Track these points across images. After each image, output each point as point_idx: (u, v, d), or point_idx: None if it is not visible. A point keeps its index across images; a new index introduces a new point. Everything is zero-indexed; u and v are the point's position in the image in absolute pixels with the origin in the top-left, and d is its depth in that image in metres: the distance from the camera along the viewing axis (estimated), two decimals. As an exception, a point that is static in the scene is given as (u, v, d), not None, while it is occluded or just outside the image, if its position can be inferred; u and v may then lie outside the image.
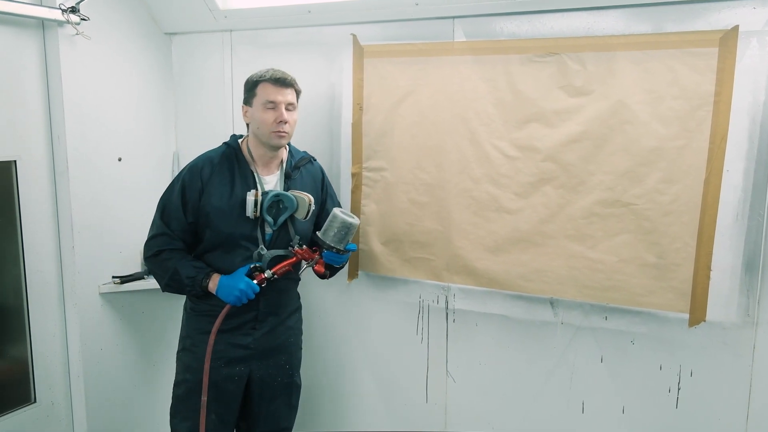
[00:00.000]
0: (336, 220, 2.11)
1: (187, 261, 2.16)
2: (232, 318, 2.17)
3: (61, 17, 2.37)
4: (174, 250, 2.16)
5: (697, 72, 1.96)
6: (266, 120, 2.11)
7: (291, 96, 2.15)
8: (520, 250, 2.29)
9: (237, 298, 2.08)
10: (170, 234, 2.16)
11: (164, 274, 2.16)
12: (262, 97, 2.12)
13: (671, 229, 2.05)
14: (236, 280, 2.09)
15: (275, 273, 2.13)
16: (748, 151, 1.96)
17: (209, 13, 2.68)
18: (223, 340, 2.18)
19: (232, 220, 2.13)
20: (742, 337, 2.04)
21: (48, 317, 2.58)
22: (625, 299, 2.16)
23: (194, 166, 2.18)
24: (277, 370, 2.30)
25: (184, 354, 2.26)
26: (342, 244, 2.13)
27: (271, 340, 2.27)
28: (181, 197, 2.15)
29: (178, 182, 2.18)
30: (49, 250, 2.55)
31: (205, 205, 2.13)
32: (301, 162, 2.31)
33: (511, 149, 2.26)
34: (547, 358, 2.35)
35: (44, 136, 2.49)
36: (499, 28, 2.26)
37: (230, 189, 2.15)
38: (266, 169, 2.23)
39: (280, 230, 2.19)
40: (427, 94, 2.36)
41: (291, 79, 2.16)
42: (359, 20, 2.47)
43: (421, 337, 2.57)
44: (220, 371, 2.19)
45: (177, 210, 2.15)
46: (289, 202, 2.14)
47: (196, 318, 2.24)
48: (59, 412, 2.65)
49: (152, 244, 2.19)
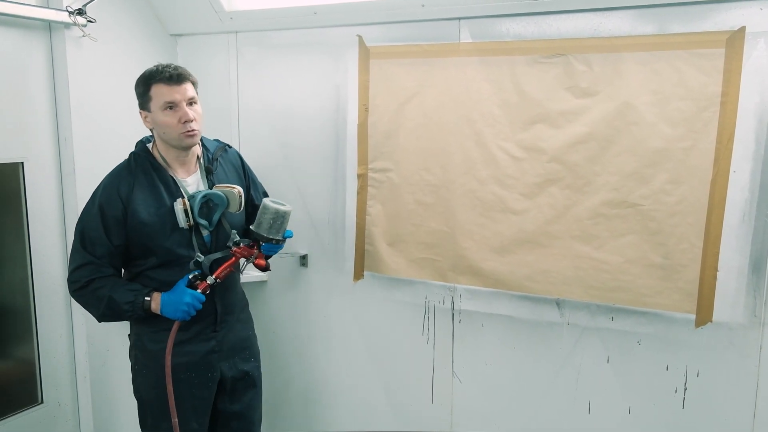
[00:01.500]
0: (268, 211, 2.04)
1: (121, 286, 2.02)
2: (191, 326, 2.09)
3: (68, 19, 2.39)
4: (104, 278, 2.01)
5: (704, 73, 1.97)
6: (170, 123, 1.98)
7: (190, 90, 2.02)
8: (526, 251, 2.30)
9: (185, 312, 1.98)
10: (96, 262, 2.00)
11: (99, 305, 2.01)
12: (159, 99, 1.98)
13: (677, 230, 2.06)
14: (179, 294, 1.99)
15: (217, 277, 2.04)
16: (755, 151, 1.96)
17: (215, 15, 2.68)
18: (187, 349, 2.11)
19: (166, 232, 2.02)
20: (748, 338, 2.04)
21: (55, 318, 2.59)
22: (632, 300, 2.16)
23: (107, 185, 2.03)
24: (245, 365, 2.28)
25: (147, 371, 2.14)
26: (279, 234, 2.07)
27: (233, 338, 2.23)
28: (102, 221, 1.99)
29: (93, 206, 2.01)
30: (56, 251, 2.56)
31: (135, 224, 1.99)
32: (217, 153, 2.21)
33: (517, 150, 2.26)
34: (553, 359, 2.35)
35: (51, 137, 2.50)
36: (505, 30, 2.26)
37: (155, 201, 2.02)
38: (184, 171, 2.11)
39: (217, 229, 2.10)
40: (433, 95, 2.37)
41: (184, 72, 2.01)
42: (365, 21, 2.47)
43: (427, 337, 2.58)
44: (192, 380, 2.13)
45: (99, 236, 1.99)
46: (219, 199, 2.06)
47: (151, 334, 2.11)
48: (66, 412, 2.66)
49: (78, 275, 2.02)
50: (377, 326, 2.68)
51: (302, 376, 2.83)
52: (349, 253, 2.65)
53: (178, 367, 2.07)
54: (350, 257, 2.65)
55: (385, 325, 2.66)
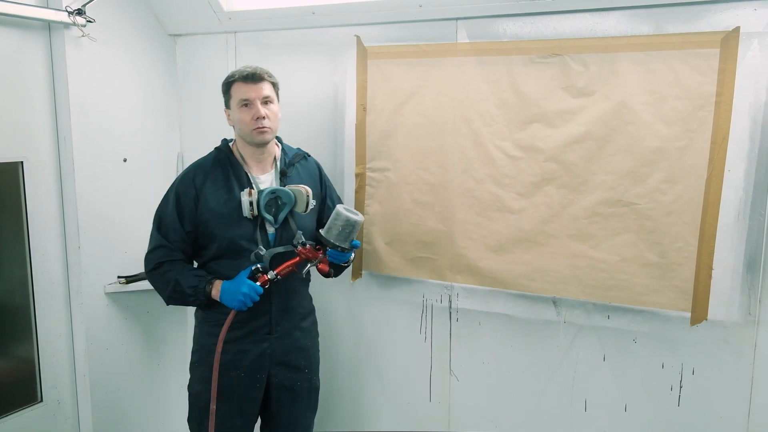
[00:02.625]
0: (339, 218, 2.04)
1: (187, 271, 2.13)
2: (245, 324, 2.14)
3: (67, 19, 2.40)
4: (174, 261, 2.13)
5: (699, 73, 1.98)
6: (244, 119, 2.09)
7: (266, 89, 2.11)
8: (522, 250, 2.31)
9: (241, 302, 2.03)
10: (169, 246, 2.12)
11: (166, 287, 2.12)
12: (236, 97, 2.10)
13: (673, 229, 2.07)
14: (238, 284, 2.05)
15: (278, 274, 2.06)
16: (750, 151, 1.97)
17: (213, 15, 2.69)
18: (238, 348, 2.15)
19: (231, 223, 2.09)
20: (743, 336, 2.06)
21: (54, 317, 2.60)
22: (628, 298, 2.17)
23: (186, 174, 2.17)
24: (297, 375, 2.27)
25: (200, 365, 2.21)
26: (347, 243, 2.06)
27: (288, 345, 2.23)
28: (176, 207, 2.12)
29: (171, 193, 2.15)
30: (55, 250, 2.57)
31: (203, 212, 2.10)
32: (295, 159, 2.27)
33: (514, 149, 2.27)
34: (550, 357, 2.37)
35: (50, 137, 2.51)
36: (502, 30, 2.27)
37: (226, 192, 2.12)
38: (260, 169, 2.19)
39: (282, 228, 2.14)
40: (431, 95, 2.38)
41: (261, 72, 2.11)
42: (363, 22, 2.48)
43: (425, 336, 2.59)
44: (240, 379, 2.17)
45: (173, 221, 2.12)
46: (286, 197, 2.11)
47: (208, 328, 2.19)
48: (65, 411, 2.67)
49: (151, 257, 2.15)
50: (375, 325, 2.69)
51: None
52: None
53: (228, 364, 2.12)
54: (348, 256, 2.65)
55: (383, 323, 2.67)
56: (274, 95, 2.15)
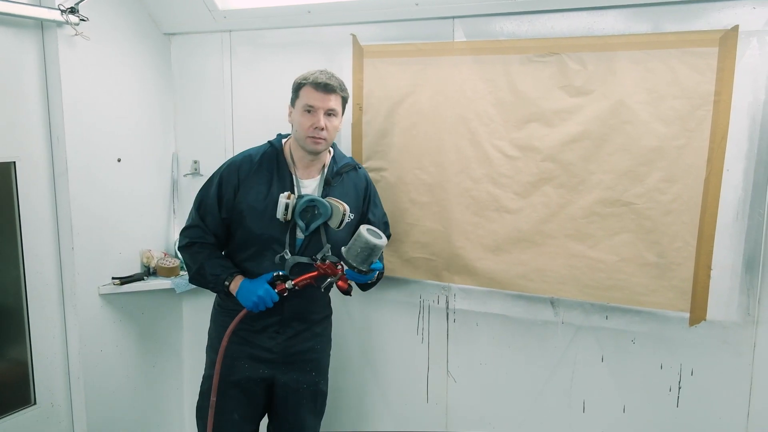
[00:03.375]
0: (359, 239, 1.97)
1: (215, 258, 2.17)
2: (257, 320, 2.16)
3: (60, 18, 2.37)
4: (205, 245, 2.17)
5: (697, 72, 1.97)
6: (303, 124, 2.07)
7: (334, 102, 2.08)
8: (520, 250, 2.29)
9: (254, 303, 2.04)
10: (203, 227, 2.16)
11: (193, 266, 2.18)
12: (302, 100, 2.07)
13: (672, 229, 2.06)
14: (256, 286, 2.05)
15: (296, 285, 2.05)
16: (748, 150, 1.96)
17: (208, 14, 2.67)
18: (247, 341, 2.19)
19: (264, 220, 2.10)
20: (742, 336, 2.05)
21: (48, 318, 2.57)
22: (626, 298, 2.16)
23: (233, 162, 2.17)
24: (302, 377, 2.25)
25: (211, 350, 2.28)
26: (364, 265, 1.99)
27: (295, 346, 2.22)
28: (218, 192, 2.13)
29: (216, 177, 2.16)
30: (48, 251, 2.54)
31: (240, 203, 2.12)
32: (344, 168, 2.23)
33: (511, 149, 2.26)
34: (547, 358, 2.36)
35: (43, 137, 2.48)
36: (499, 28, 2.26)
37: (267, 189, 2.12)
38: (306, 173, 2.18)
39: (312, 237, 2.12)
40: (427, 94, 2.36)
41: (336, 84, 2.08)
42: (359, 20, 2.46)
43: (422, 337, 2.58)
44: (244, 371, 2.19)
45: (212, 205, 2.14)
46: (323, 208, 2.08)
47: (223, 316, 2.23)
48: (59, 413, 2.64)
49: (186, 233, 2.20)
50: (372, 326, 2.68)
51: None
52: (344, 253, 2.64)
53: (234, 353, 2.16)
54: (345, 257, 2.64)
55: (380, 324, 2.66)
56: (341, 109, 2.14)
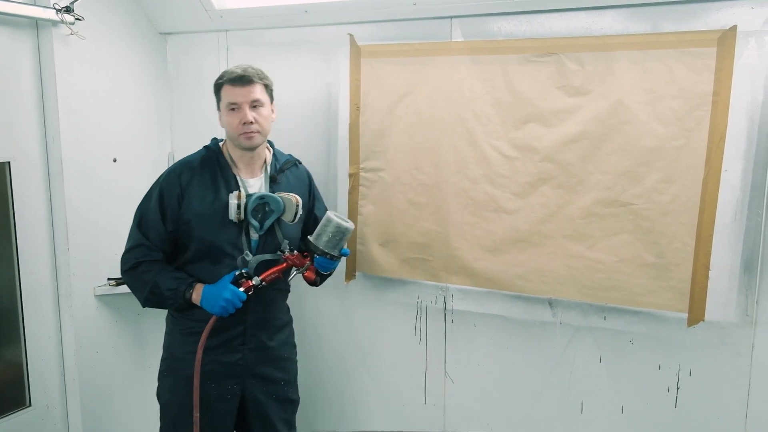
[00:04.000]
0: (330, 225, 2.01)
1: (167, 272, 2.04)
2: (218, 334, 2.06)
3: (55, 17, 2.35)
4: (153, 262, 2.05)
5: (696, 72, 1.96)
6: (231, 123, 2.02)
7: (256, 92, 2.02)
8: (518, 250, 2.29)
9: (222, 308, 1.96)
10: (148, 245, 2.04)
11: (143, 288, 2.04)
12: (225, 100, 2.03)
13: (670, 229, 2.05)
14: (221, 289, 1.97)
15: (263, 280, 2.01)
16: (747, 150, 1.96)
17: (205, 13, 2.66)
18: (209, 358, 2.06)
19: (215, 226, 2.02)
20: (740, 337, 2.04)
21: (43, 320, 2.55)
22: (624, 299, 2.16)
23: (172, 171, 2.08)
24: (273, 388, 2.19)
25: (170, 374, 2.15)
26: (336, 250, 2.02)
27: (263, 357, 2.15)
28: (159, 205, 2.03)
29: (155, 189, 2.06)
30: (43, 252, 2.53)
31: (186, 212, 2.02)
32: (286, 165, 2.21)
33: (509, 149, 2.25)
34: (546, 359, 2.35)
35: (38, 137, 2.46)
36: (497, 28, 2.25)
37: (213, 194, 2.04)
38: (249, 173, 2.12)
39: (267, 235, 2.08)
40: (425, 94, 2.35)
41: (252, 74, 2.01)
42: (356, 20, 2.45)
43: (420, 337, 2.57)
44: (210, 390, 2.08)
45: (155, 219, 2.03)
46: (275, 204, 2.05)
47: (181, 336, 2.12)
48: (54, 415, 2.63)
49: (130, 256, 2.07)
50: (369, 327, 2.67)
51: (294, 377, 2.81)
52: (341, 253, 2.63)
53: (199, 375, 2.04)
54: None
55: (377, 325, 2.64)
56: (266, 97, 2.07)
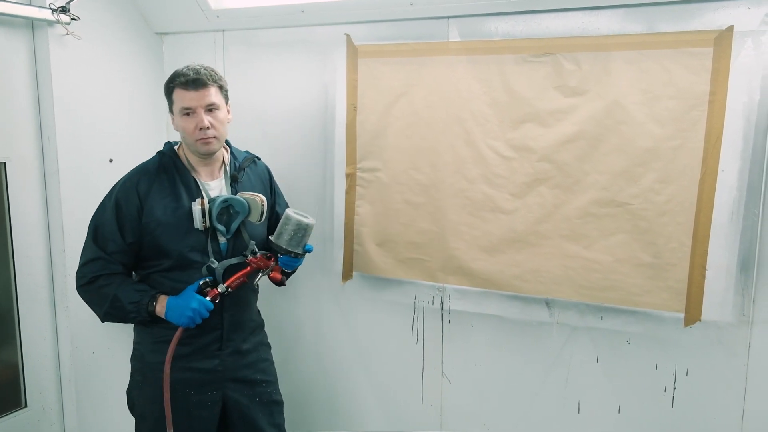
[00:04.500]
0: (290, 222, 1.97)
1: (128, 285, 1.96)
2: (194, 339, 2.00)
3: (50, 17, 2.34)
4: (111, 275, 1.95)
5: (692, 72, 1.97)
6: (187, 128, 1.94)
7: (211, 96, 1.94)
8: (515, 251, 2.29)
9: (190, 318, 1.90)
10: (106, 258, 1.94)
11: (103, 302, 1.94)
12: (178, 104, 1.94)
13: (667, 229, 2.06)
14: (186, 299, 1.91)
15: (229, 286, 1.96)
16: (743, 150, 1.96)
17: (201, 13, 2.65)
18: (187, 365, 2.00)
19: (180, 234, 1.95)
20: (737, 337, 2.05)
21: (39, 320, 2.54)
22: (621, 299, 2.16)
23: (127, 180, 1.99)
24: (254, 391, 2.13)
25: (145, 384, 2.05)
26: (299, 247, 1.99)
27: (241, 360, 2.10)
28: (117, 217, 1.94)
29: (110, 200, 1.97)
30: (39, 252, 2.52)
31: (149, 222, 1.94)
32: (245, 163, 2.15)
33: (506, 149, 2.25)
34: (542, 359, 2.35)
35: (34, 137, 2.46)
36: (494, 28, 2.25)
37: (175, 201, 1.97)
38: (208, 175, 2.06)
39: (235, 238, 2.03)
40: (422, 94, 2.35)
41: (206, 76, 1.92)
42: (353, 20, 2.45)
43: (417, 338, 2.56)
44: (190, 398, 2.02)
45: (113, 232, 1.94)
46: (240, 206, 1.99)
47: (152, 345, 2.03)
48: (50, 416, 2.62)
49: (86, 270, 1.97)
50: (366, 327, 2.66)
51: (290, 377, 2.80)
52: (338, 254, 2.62)
53: (176, 383, 1.97)
54: (339, 258, 2.62)
55: (374, 325, 2.64)
56: (221, 99, 1.99)
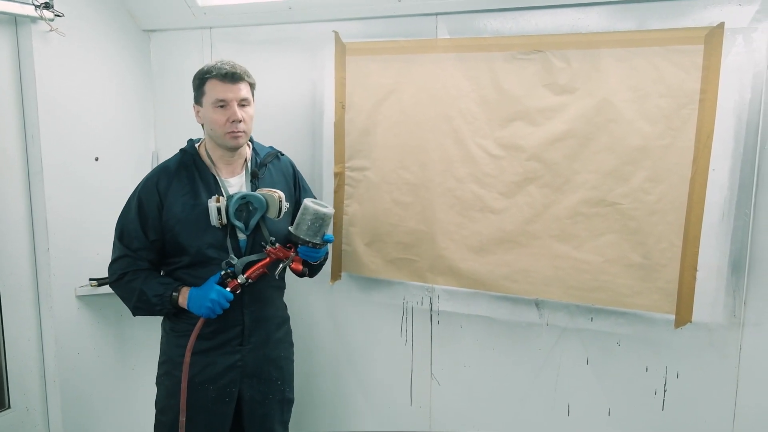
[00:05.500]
0: (308, 212, 1.97)
1: (153, 279, 2.02)
2: (217, 334, 2.03)
3: (33, 13, 2.31)
4: (138, 271, 2.02)
5: (683, 69, 1.94)
6: (218, 120, 1.95)
7: (244, 91, 1.98)
8: (504, 251, 2.26)
9: (209, 309, 1.93)
10: (132, 255, 2.01)
11: (131, 297, 2.02)
12: (211, 96, 1.95)
13: (657, 229, 2.03)
14: (206, 291, 1.94)
15: (249, 277, 1.97)
16: (734, 149, 1.93)
17: (188, 10, 2.62)
18: (208, 360, 2.03)
19: (199, 231, 1.98)
20: (728, 339, 2.02)
21: (23, 321, 2.51)
22: (611, 300, 2.13)
23: (149, 179, 2.03)
24: (269, 387, 2.14)
25: (167, 379, 2.09)
26: (317, 237, 1.99)
27: (261, 356, 2.11)
28: (139, 215, 2.00)
29: (134, 199, 2.03)
30: (23, 251, 2.48)
31: (169, 219, 1.98)
32: (267, 159, 2.15)
33: (496, 148, 2.22)
34: (532, 360, 2.32)
35: (18, 135, 2.42)
36: (483, 25, 2.22)
37: (193, 198, 1.99)
38: (229, 171, 2.07)
39: (255, 234, 2.03)
40: (410, 92, 2.32)
41: (242, 71, 1.97)
42: (341, 17, 2.42)
43: (405, 339, 2.54)
44: (209, 393, 2.04)
45: (136, 230, 2.00)
46: (257, 202, 1.99)
47: (176, 339, 2.07)
48: (34, 417, 2.58)
49: (115, 267, 2.05)
50: (355, 328, 2.63)
51: (279, 378, 2.79)
52: (326, 254, 2.60)
53: (196, 377, 2.01)
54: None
55: (363, 326, 2.61)
56: (251, 97, 2.03)
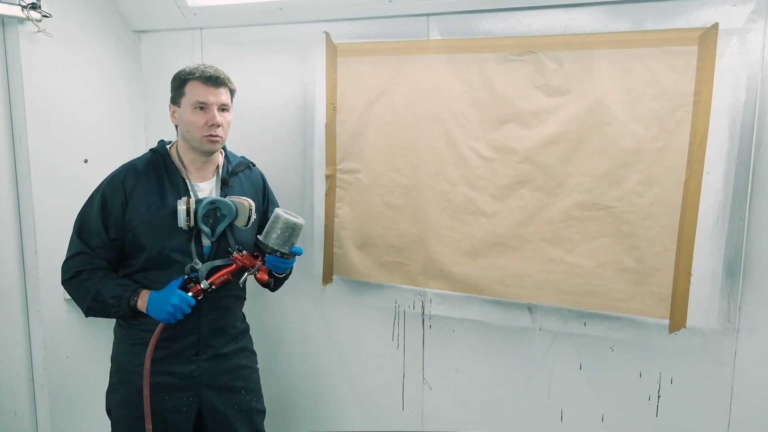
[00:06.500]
0: (279, 221, 1.93)
1: (110, 279, 1.94)
2: (170, 343, 1.97)
3: (20, 14, 2.28)
4: (95, 270, 1.94)
5: (676, 71, 1.91)
6: (196, 123, 1.91)
7: (224, 96, 1.96)
8: (497, 254, 2.23)
9: (170, 314, 1.86)
10: (90, 253, 1.93)
11: (85, 297, 1.93)
12: (191, 97, 1.92)
13: (650, 233, 2.00)
14: (168, 295, 1.88)
15: (212, 283, 1.93)
16: (729, 152, 1.90)
17: (178, 11, 2.59)
18: (161, 370, 1.96)
19: (163, 233, 1.92)
20: (722, 344, 1.99)
21: (10, 324, 2.48)
22: (604, 305, 2.10)
23: (115, 176, 1.96)
24: (233, 398, 2.07)
25: (119, 388, 2.02)
26: (286, 247, 1.94)
27: (219, 366, 2.05)
28: (102, 212, 1.92)
29: (97, 195, 1.95)
30: (10, 255, 2.46)
31: (132, 219, 1.92)
32: (239, 167, 2.12)
33: (488, 150, 2.20)
34: (525, 365, 2.29)
35: (5, 137, 2.40)
36: (475, 26, 2.19)
37: (160, 199, 1.94)
38: (200, 176, 2.03)
39: (220, 241, 1.98)
40: (402, 93, 2.30)
41: (224, 77, 1.96)
42: (332, 18, 2.39)
43: (397, 343, 2.51)
44: (164, 403, 1.97)
45: (97, 226, 1.92)
46: (227, 209, 1.95)
47: (128, 347, 2.00)
48: (23, 422, 2.56)
49: (70, 265, 1.96)
50: (346, 332, 2.60)
51: (268, 383, 2.74)
52: (318, 257, 2.57)
53: (151, 387, 1.92)
54: (318, 261, 2.57)
55: (355, 330, 2.58)
56: (230, 104, 2.01)
